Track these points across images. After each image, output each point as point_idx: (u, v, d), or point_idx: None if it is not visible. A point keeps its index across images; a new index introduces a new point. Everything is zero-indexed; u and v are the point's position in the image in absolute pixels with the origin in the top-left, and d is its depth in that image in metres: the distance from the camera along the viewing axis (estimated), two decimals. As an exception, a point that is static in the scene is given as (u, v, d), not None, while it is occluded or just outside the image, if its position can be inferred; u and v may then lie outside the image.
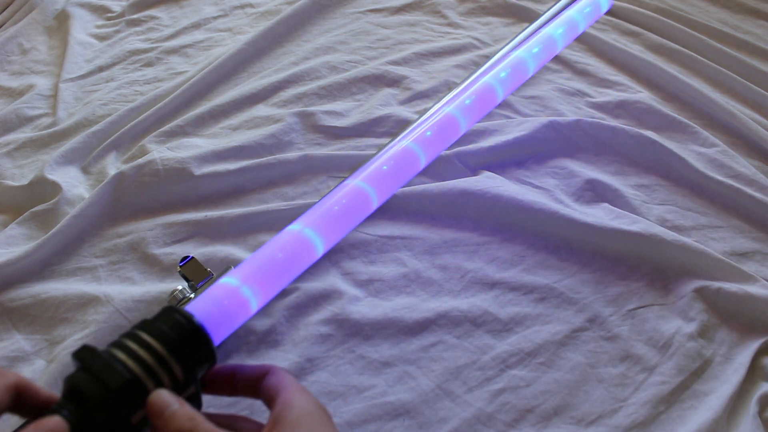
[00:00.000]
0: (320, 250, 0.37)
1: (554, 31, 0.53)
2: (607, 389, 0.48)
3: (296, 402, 0.29)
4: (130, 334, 0.29)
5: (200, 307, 0.31)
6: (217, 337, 0.31)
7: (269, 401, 0.30)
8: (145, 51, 0.87)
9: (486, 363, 0.49)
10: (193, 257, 0.51)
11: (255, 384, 0.31)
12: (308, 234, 0.36)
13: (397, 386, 0.48)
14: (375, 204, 0.40)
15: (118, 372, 0.26)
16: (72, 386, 0.27)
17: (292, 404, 0.29)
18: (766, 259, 0.56)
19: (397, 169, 0.41)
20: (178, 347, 0.28)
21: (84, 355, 0.27)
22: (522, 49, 0.51)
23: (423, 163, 0.43)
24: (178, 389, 0.28)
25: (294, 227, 0.36)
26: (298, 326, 0.52)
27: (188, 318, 0.29)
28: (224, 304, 0.32)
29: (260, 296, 0.33)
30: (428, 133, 0.43)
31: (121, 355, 0.27)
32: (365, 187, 0.39)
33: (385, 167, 0.41)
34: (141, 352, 0.27)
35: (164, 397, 0.27)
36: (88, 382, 0.26)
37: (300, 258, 0.36)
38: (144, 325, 0.29)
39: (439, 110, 0.45)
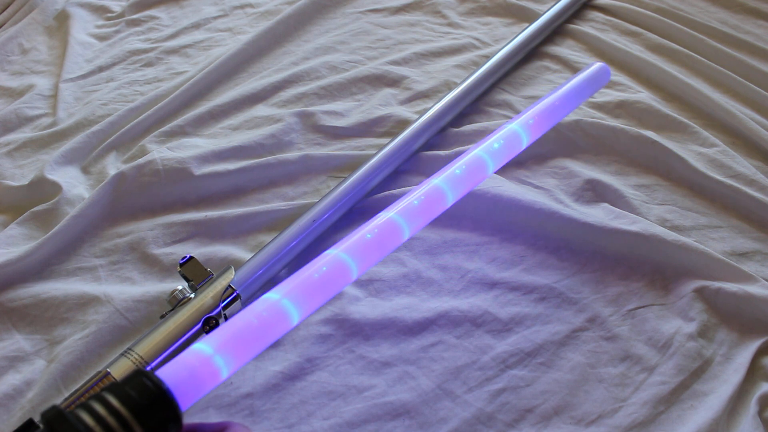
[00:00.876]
0: (295, 320, 0.38)
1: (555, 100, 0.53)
2: (607, 389, 0.48)
3: None
4: (99, 397, 0.29)
5: (171, 372, 0.32)
6: (185, 403, 0.32)
7: None
8: (145, 51, 0.87)
9: (486, 363, 0.49)
10: (193, 257, 0.51)
11: None
12: (285, 304, 0.37)
13: (397, 386, 0.48)
14: (354, 275, 0.41)
15: None
16: None
17: None
18: (766, 259, 0.56)
19: (380, 240, 0.42)
20: (144, 413, 0.29)
21: (53, 419, 0.28)
22: (516, 122, 0.52)
23: (407, 235, 0.43)
24: None
25: (272, 296, 0.37)
26: (298, 326, 0.52)
27: (156, 384, 0.30)
28: (196, 372, 0.33)
29: (232, 365, 0.35)
30: (415, 203, 0.44)
31: (89, 421, 0.28)
32: (346, 258, 0.40)
33: (368, 236, 0.41)
34: (109, 419, 0.28)
35: None
36: None
37: (275, 328, 0.37)
38: (113, 388, 0.30)
39: (427, 181, 0.45)
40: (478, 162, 0.48)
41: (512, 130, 0.51)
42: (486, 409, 0.47)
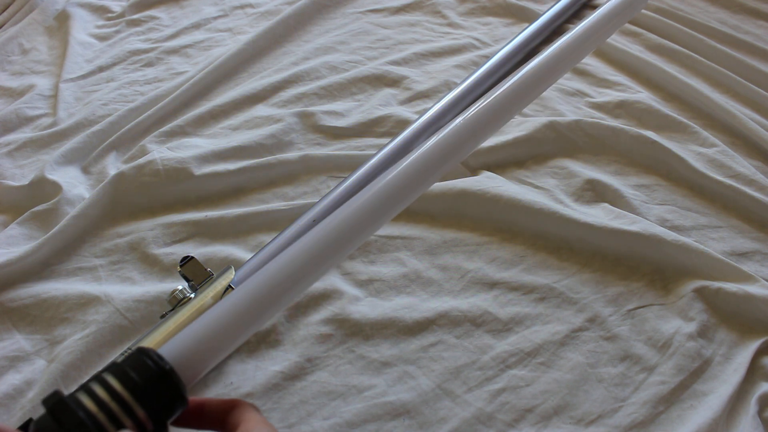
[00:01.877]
0: (299, 291, 0.36)
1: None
2: (606, 389, 0.48)
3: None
4: (100, 379, 0.29)
5: (174, 348, 0.31)
6: (191, 378, 0.31)
7: None
8: (145, 51, 0.87)
9: (486, 363, 0.49)
10: (193, 257, 0.51)
11: (222, 417, 0.32)
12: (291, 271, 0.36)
13: (397, 386, 0.48)
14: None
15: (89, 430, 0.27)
16: None
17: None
18: (766, 259, 0.56)
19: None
20: (146, 394, 0.29)
21: (54, 405, 0.27)
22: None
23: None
24: None
25: (277, 263, 0.36)
26: (298, 326, 0.52)
27: (158, 362, 0.29)
28: (200, 348, 0.32)
29: (238, 338, 0.34)
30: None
31: (91, 407, 0.27)
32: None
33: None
34: (111, 404, 0.28)
35: None
36: None
37: (282, 297, 0.35)
38: (114, 369, 0.29)
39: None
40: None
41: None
42: (486, 408, 0.47)
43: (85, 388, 0.29)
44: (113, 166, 0.69)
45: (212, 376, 0.50)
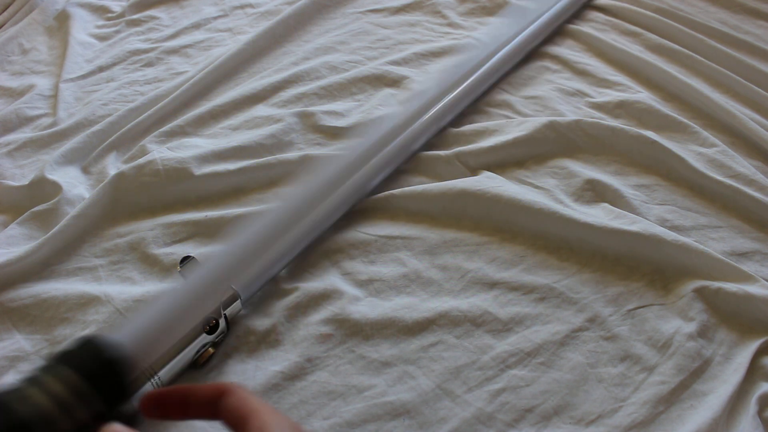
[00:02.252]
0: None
1: None
2: (606, 389, 0.48)
3: (273, 426, 0.27)
4: (47, 368, 0.28)
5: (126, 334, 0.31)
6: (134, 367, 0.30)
7: (237, 425, 0.28)
8: (145, 51, 0.87)
9: (486, 363, 0.49)
10: (193, 257, 0.51)
11: (211, 405, 0.30)
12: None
13: (397, 386, 0.48)
14: None
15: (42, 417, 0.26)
16: None
17: (270, 429, 0.27)
18: (766, 259, 0.56)
19: None
20: (92, 380, 0.28)
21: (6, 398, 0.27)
22: None
23: None
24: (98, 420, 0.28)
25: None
26: (298, 326, 0.52)
27: (104, 348, 0.29)
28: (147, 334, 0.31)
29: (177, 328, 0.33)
30: None
31: (40, 398, 0.27)
32: None
33: None
34: (57, 386, 0.27)
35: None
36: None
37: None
38: (62, 356, 0.29)
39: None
40: None
41: None
42: (486, 408, 0.47)
43: (31, 379, 0.28)
44: (113, 166, 0.69)
45: (212, 376, 0.50)
